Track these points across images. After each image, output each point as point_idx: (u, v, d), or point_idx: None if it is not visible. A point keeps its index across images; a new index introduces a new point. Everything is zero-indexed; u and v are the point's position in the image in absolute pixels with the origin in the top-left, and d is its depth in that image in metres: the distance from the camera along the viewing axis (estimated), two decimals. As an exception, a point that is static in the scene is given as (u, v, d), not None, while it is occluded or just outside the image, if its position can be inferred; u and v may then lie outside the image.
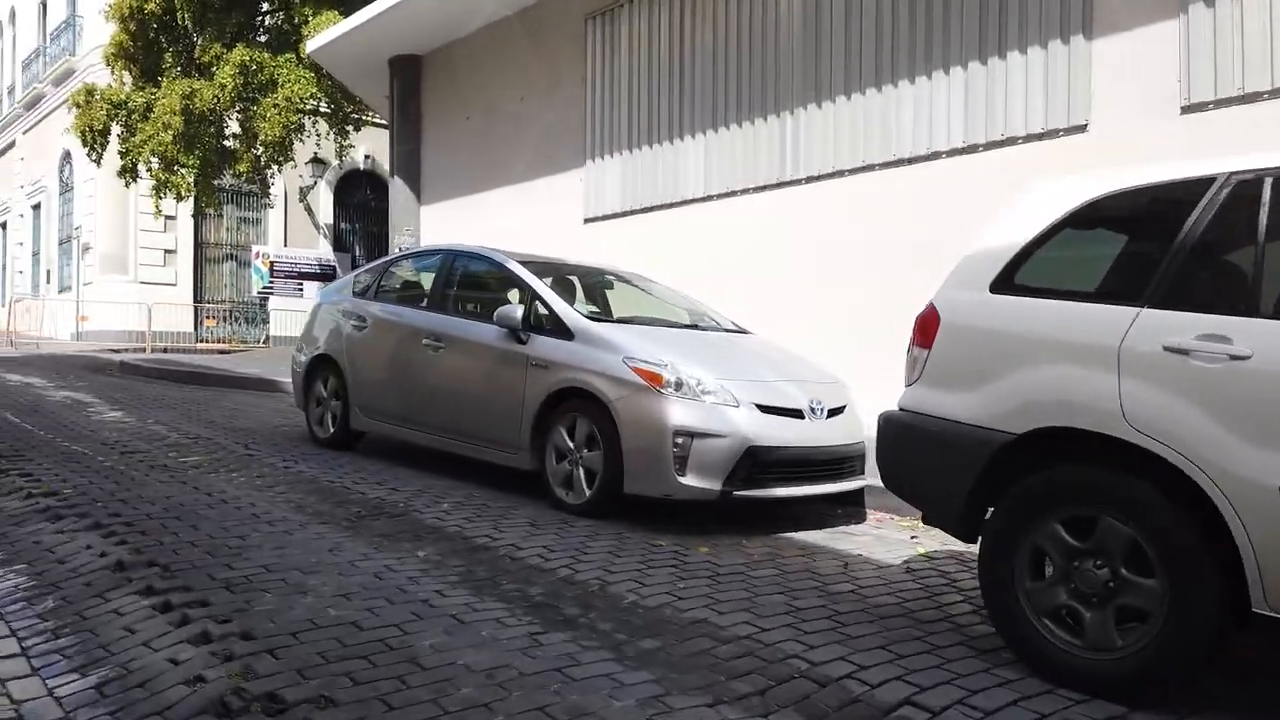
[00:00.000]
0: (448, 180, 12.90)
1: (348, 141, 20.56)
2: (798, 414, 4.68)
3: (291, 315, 23.38)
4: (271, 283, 24.03)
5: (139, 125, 16.15)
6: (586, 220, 10.58)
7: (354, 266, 25.96)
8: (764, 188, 8.58)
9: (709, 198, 9.14)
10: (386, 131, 24.57)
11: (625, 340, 4.85)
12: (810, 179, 8.17)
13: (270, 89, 15.78)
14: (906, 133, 7.44)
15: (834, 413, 4.88)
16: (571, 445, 4.83)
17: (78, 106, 16.36)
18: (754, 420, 4.50)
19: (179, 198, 17.23)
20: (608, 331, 4.95)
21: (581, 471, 4.77)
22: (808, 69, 8.19)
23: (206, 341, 23.02)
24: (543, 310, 5.26)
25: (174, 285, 22.82)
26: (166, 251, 22.84)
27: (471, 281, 6.18)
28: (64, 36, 24.52)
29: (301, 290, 24.42)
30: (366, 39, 12.75)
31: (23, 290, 27.62)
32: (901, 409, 3.18)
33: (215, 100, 15.43)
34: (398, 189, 13.47)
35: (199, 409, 8.71)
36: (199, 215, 20.57)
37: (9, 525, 4.28)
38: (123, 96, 16.37)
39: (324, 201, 25.18)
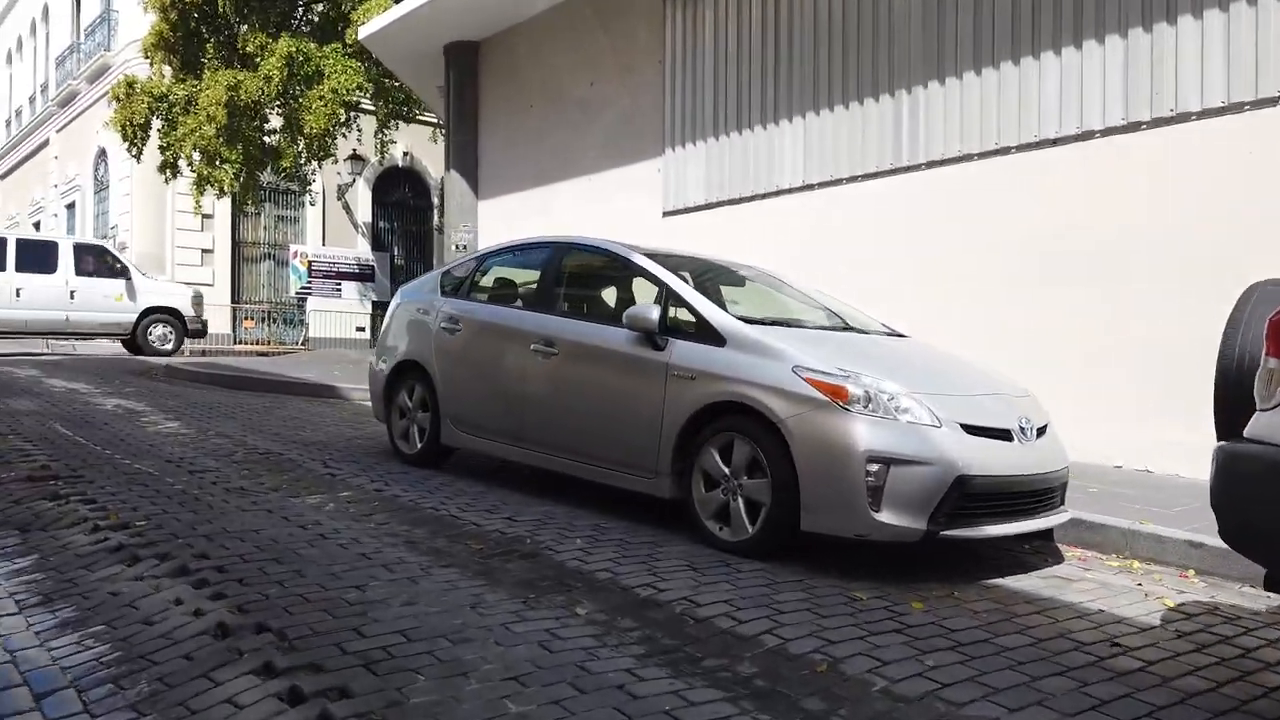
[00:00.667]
0: (507, 174, 12.21)
1: (389, 137, 19.96)
2: (1005, 435, 3.92)
3: (330, 316, 22.86)
4: (310, 283, 23.52)
5: (180, 119, 15.58)
6: (666, 214, 9.84)
7: (392, 266, 25.41)
8: (875, 175, 7.81)
9: (808, 187, 8.37)
10: (427, 128, 24.02)
11: (792, 346, 4.10)
12: (932, 164, 7.39)
13: (316, 80, 15.17)
14: (1051, 109, 6.64)
15: (1040, 432, 4.11)
16: (727, 471, 4.09)
17: (118, 100, 15.82)
18: (961, 443, 3.74)
19: (221, 194, 16.66)
20: (769, 336, 4.21)
21: (741, 503, 4.02)
22: (928, 40, 7.40)
23: (244, 343, 22.52)
24: (683, 312, 4.52)
25: (211, 285, 22.30)
26: (204, 251, 22.35)
27: (587, 278, 5.47)
28: (99, 31, 24.09)
29: (340, 290, 23.93)
30: (421, 25, 12.09)
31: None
32: (1257, 440, 2.41)
33: (260, 92, 14.84)
34: (453, 184, 12.79)
35: (259, 418, 8.05)
36: (238, 213, 20.02)
37: (78, 569, 3.60)
38: (164, 89, 15.81)
39: (362, 200, 24.61)
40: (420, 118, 22.07)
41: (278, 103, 15.54)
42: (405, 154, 24.72)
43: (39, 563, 3.70)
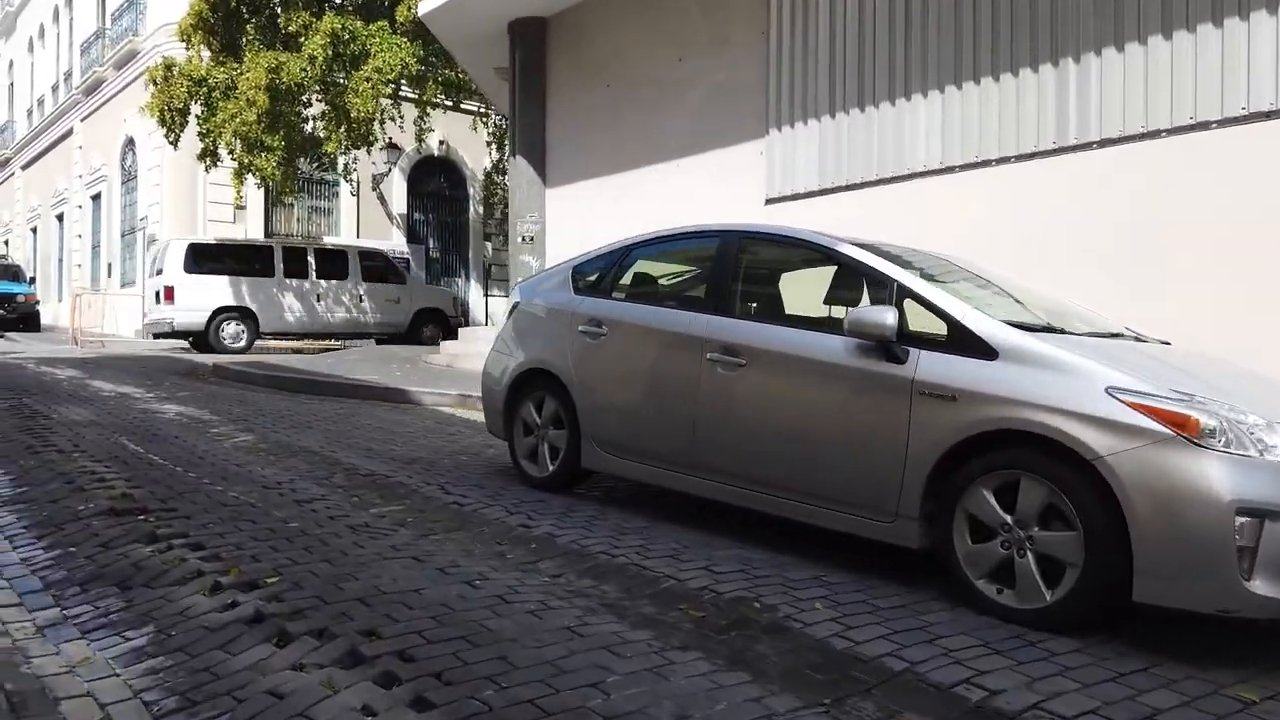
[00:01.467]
0: (579, 160, 11.37)
1: (427, 125, 19.10)
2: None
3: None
4: (344, 275, 22.72)
5: (220, 103, 14.77)
6: (769, 201, 8.99)
7: (428, 259, 24.62)
8: (1033, 155, 6.93)
9: (947, 169, 7.50)
10: (465, 116, 23.19)
11: (1097, 361, 3.25)
12: (1106, 142, 6.51)
13: (362, 60, 14.33)
14: (1265, 77, 5.75)
15: None
16: (1008, 519, 3.24)
17: (155, 83, 15.01)
18: (1350, 489, 2.88)
19: (262, 183, 15.84)
20: (1063, 348, 3.35)
21: (1033, 560, 3.17)
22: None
23: (279, 336, 21.73)
24: (925, 315, 3.67)
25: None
26: (236, 243, 21.55)
27: (773, 274, 4.62)
28: (126, 16, 23.31)
29: (374, 283, 23.10)
30: (485, 0, 11.25)
31: (81, 285, 26.58)
32: None
33: (303, 73, 14.01)
34: (519, 171, 11.95)
35: (338, 429, 7.25)
36: (272, 204, 19.19)
37: (212, 649, 2.79)
38: (203, 72, 14.99)
39: (397, 190, 23.81)
40: (463, 105, 21.28)
41: (320, 86, 14.70)
42: (442, 143, 23.89)
43: (159, 640, 2.88)
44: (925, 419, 3.47)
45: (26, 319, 22.32)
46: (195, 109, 15.27)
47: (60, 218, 28.98)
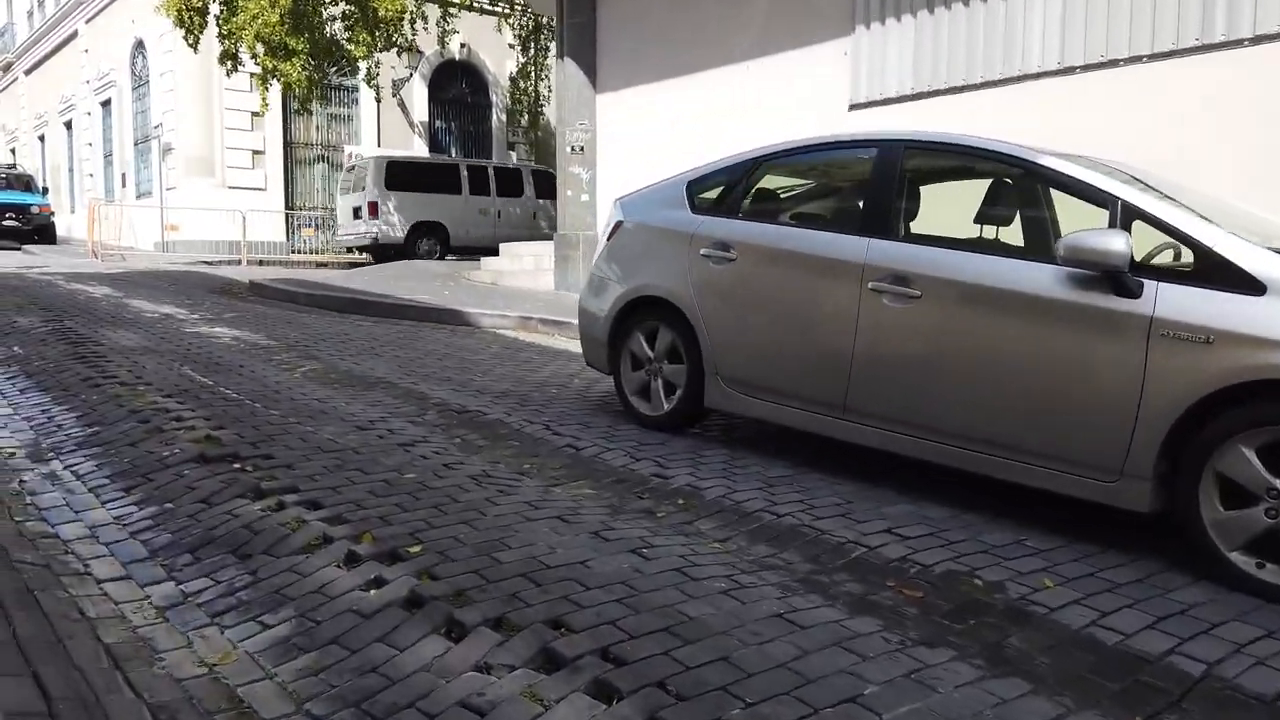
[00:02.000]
0: (634, 62, 10.60)
1: (451, 26, 18.15)
2: None
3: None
4: (365, 186, 22.00)
5: (241, 3, 13.87)
6: (853, 107, 8.31)
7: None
8: (1170, 54, 6.24)
9: (1065, 70, 6.81)
10: (489, 18, 22.07)
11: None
12: (1262, 39, 5.82)
13: (390, -45, 13.39)
14: None
15: None
16: (1276, 483, 2.76)
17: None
18: None
19: (288, 89, 15.02)
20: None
21: (1311, 532, 2.71)
22: (1273, -122, 5.74)
23: (300, 252, 21.18)
24: (1164, 241, 3.13)
25: (263, 190, 20.85)
26: (254, 153, 20.80)
27: (950, 191, 4.06)
28: (129, -91, 22.00)
29: (397, 194, 22.40)
30: (532, -117, 10.31)
31: (95, 196, 25.86)
32: None
33: (329, -30, 13.09)
34: (567, 75, 11.18)
35: (406, 356, 6.78)
36: (301, 111, 18.33)
37: (372, 640, 2.36)
38: (222, -32, 14.03)
39: (418, 97, 22.85)
40: (485, 5, 20.23)
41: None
42: (463, 46, 22.81)
43: (305, 629, 2.45)
44: (1167, 364, 2.96)
45: (41, 231, 21.70)
46: (214, 9, 14.36)
47: (69, 125, 28.07)
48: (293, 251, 21.07)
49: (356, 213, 17.02)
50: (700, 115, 9.63)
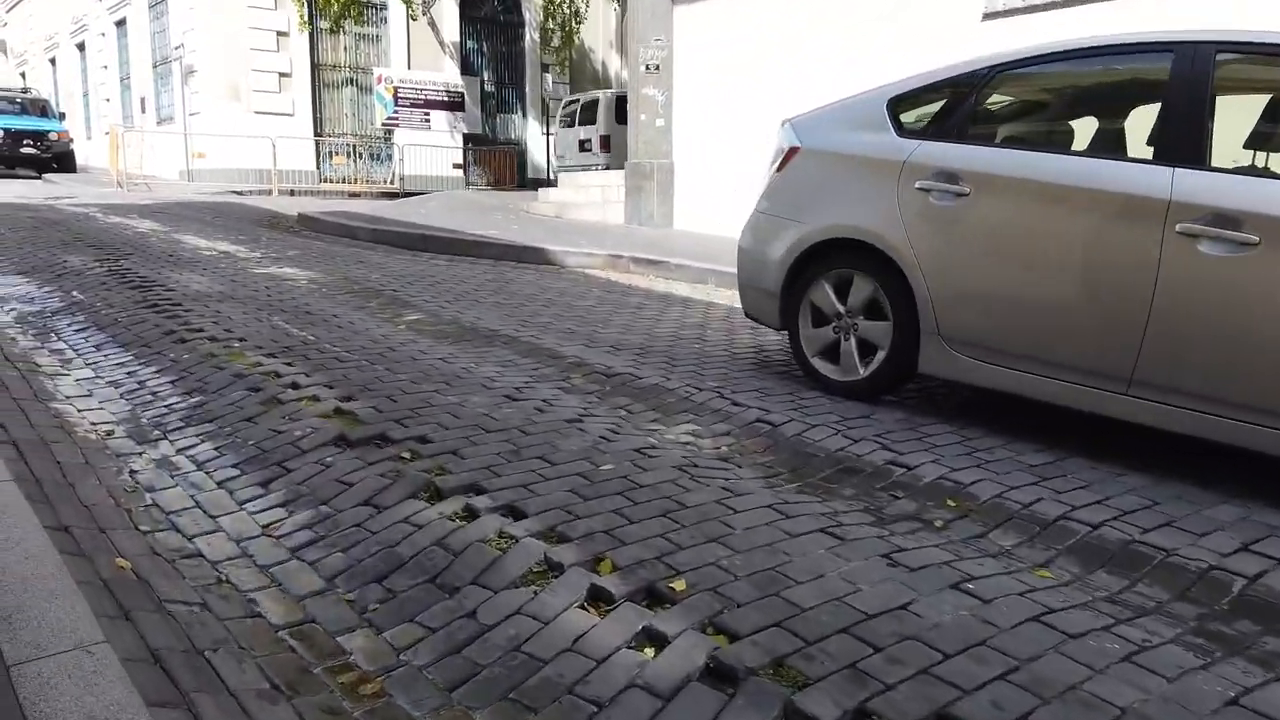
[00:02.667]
0: (717, -31, 9.60)
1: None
2: None
3: (421, 151, 20.49)
4: (396, 112, 21.04)
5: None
6: (988, 16, 7.38)
7: (482, 93, 22.70)
8: None
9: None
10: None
11: None
12: None
13: None
14: None
15: None
16: None
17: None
18: None
19: (328, 3, 13.97)
20: None
21: None
22: None
23: (330, 181, 20.29)
24: None
25: (291, 115, 19.83)
26: (281, 75, 19.73)
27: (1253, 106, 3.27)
28: None
29: (429, 121, 21.50)
30: None
31: (112, 121, 24.87)
32: None
33: None
34: (641, -17, 10.18)
35: (508, 302, 6.07)
36: (334, 29, 17.21)
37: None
38: None
39: (448, 16, 21.60)
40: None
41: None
42: (496, -42, 21.50)
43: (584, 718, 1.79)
44: None
45: (60, 159, 20.80)
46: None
47: (81, 47, 26.90)
48: (322, 180, 20.18)
49: (583, 145, 17.65)
50: (802, 29, 8.71)
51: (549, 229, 9.75)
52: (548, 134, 22.80)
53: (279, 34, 19.49)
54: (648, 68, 10.12)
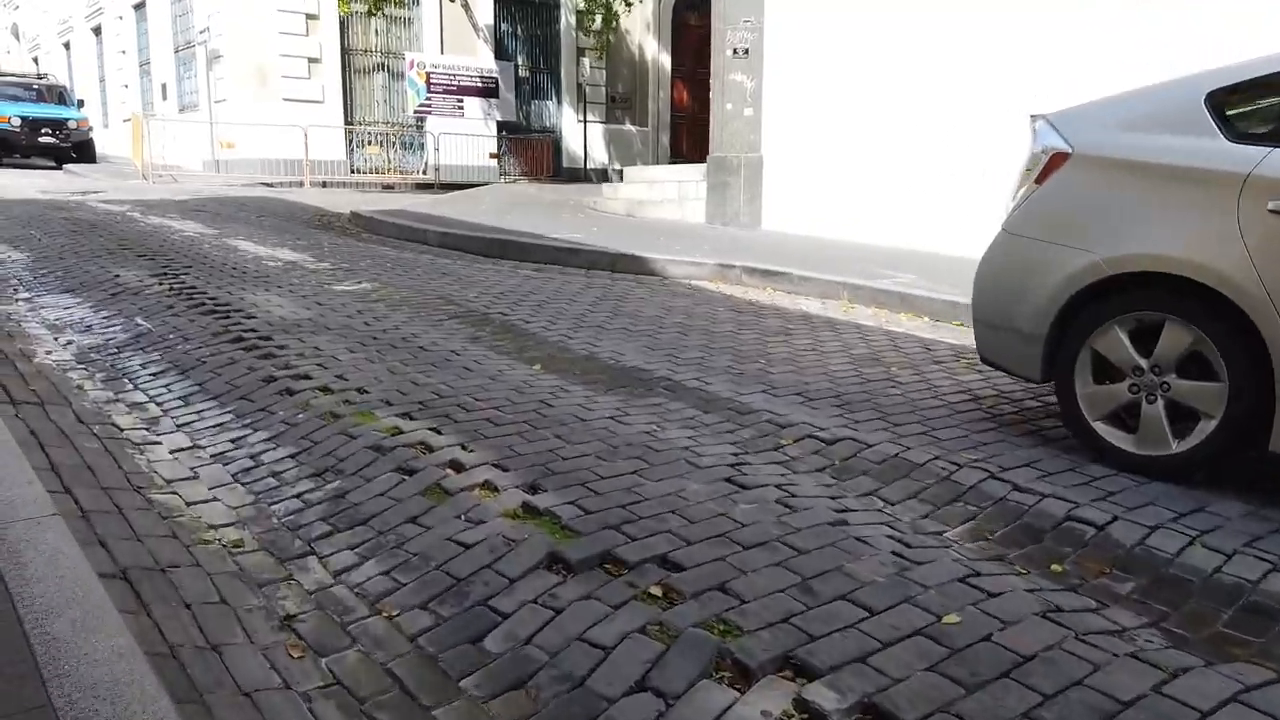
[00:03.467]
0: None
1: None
2: None
3: (455, 140, 19.59)
4: (429, 99, 20.14)
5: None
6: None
7: (516, 79, 21.77)
8: None
9: None
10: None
11: None
12: None
13: None
14: None
15: None
16: None
17: None
18: None
19: None
20: None
21: None
22: None
23: (361, 172, 19.42)
24: None
25: (321, 103, 18.91)
26: (310, 60, 18.81)
27: None
28: None
29: (462, 108, 20.59)
30: None
31: (131, 108, 24.01)
32: None
33: None
34: (729, -41, 9.27)
35: (634, 325, 5.22)
36: (373, 12, 16.20)
37: None
38: None
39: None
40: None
41: None
42: (532, -65, 20.52)
43: None
44: None
45: (80, 148, 19.96)
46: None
47: (97, 31, 25.99)
48: (353, 171, 19.31)
49: None
50: (946, 18, 7.82)
51: (630, 231, 8.88)
52: (584, 121, 21.87)
53: (308, 17, 18.56)
54: (735, 51, 9.22)
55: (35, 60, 31.69)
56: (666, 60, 24.25)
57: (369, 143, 19.24)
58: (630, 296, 6.10)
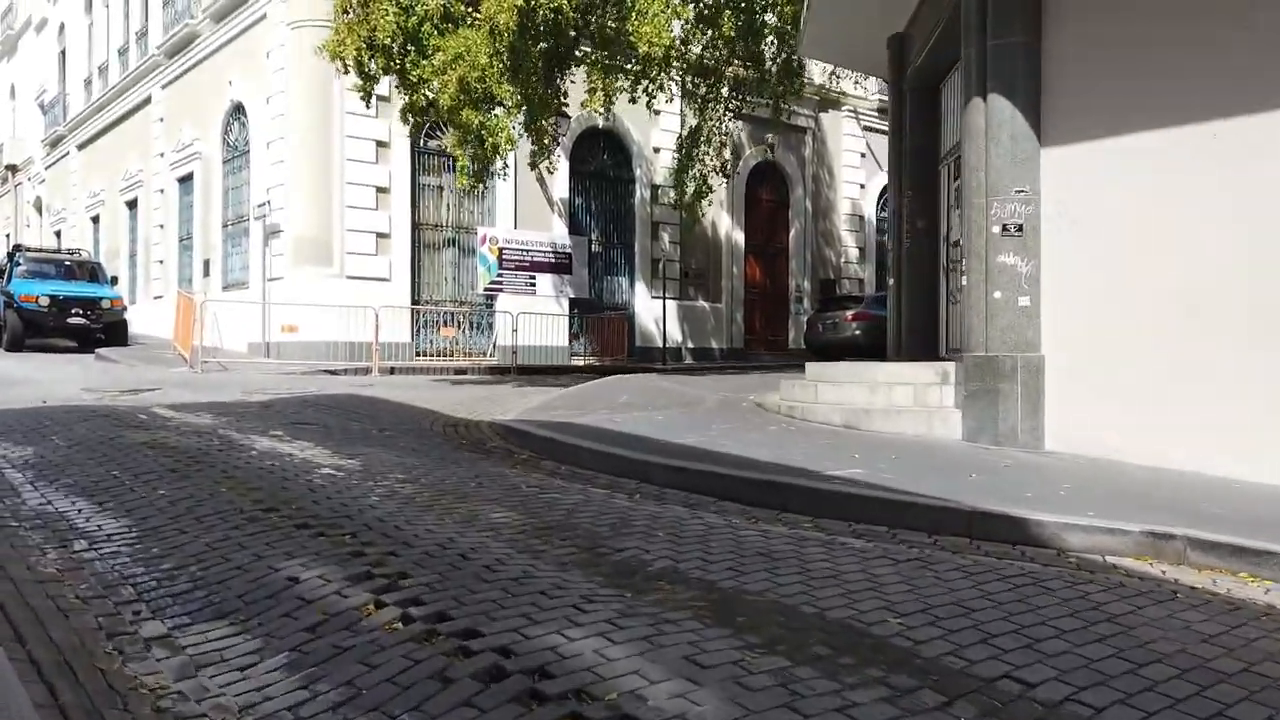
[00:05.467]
0: (1117, 95, 6.97)
1: (617, 83, 14.44)
2: None
3: (532, 320, 17.77)
4: (500, 275, 18.52)
5: (435, 40, 10.39)
6: None
7: (590, 252, 20.25)
8: None
9: None
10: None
11: None
12: None
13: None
14: None
15: None
16: None
17: (346, 11, 10.60)
18: None
19: (496, 153, 11.44)
20: None
21: None
22: None
23: (426, 354, 17.49)
24: None
25: (388, 280, 17.21)
26: (379, 236, 17.23)
27: None
28: (229, -45, 18.96)
29: (534, 284, 18.96)
30: None
31: (165, 285, 22.34)
32: None
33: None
34: (992, 120, 7.52)
35: (1140, 674, 2.87)
36: (473, 188, 14.28)
37: None
38: (409, -2, 10.48)
39: (558, 169, 19.30)
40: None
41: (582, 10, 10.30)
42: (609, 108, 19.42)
43: None
44: None
45: (111, 329, 18.02)
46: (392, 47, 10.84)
47: (132, 204, 24.69)
48: (418, 354, 17.38)
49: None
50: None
51: (908, 458, 6.67)
52: (664, 298, 20.21)
53: (379, 190, 17.13)
54: (1005, 229, 7.34)
55: (57, 234, 30.41)
56: (740, 235, 22.99)
57: (447, 324, 17.37)
58: (1105, 609, 3.76)
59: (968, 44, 7.82)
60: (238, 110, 18.97)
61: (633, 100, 12.51)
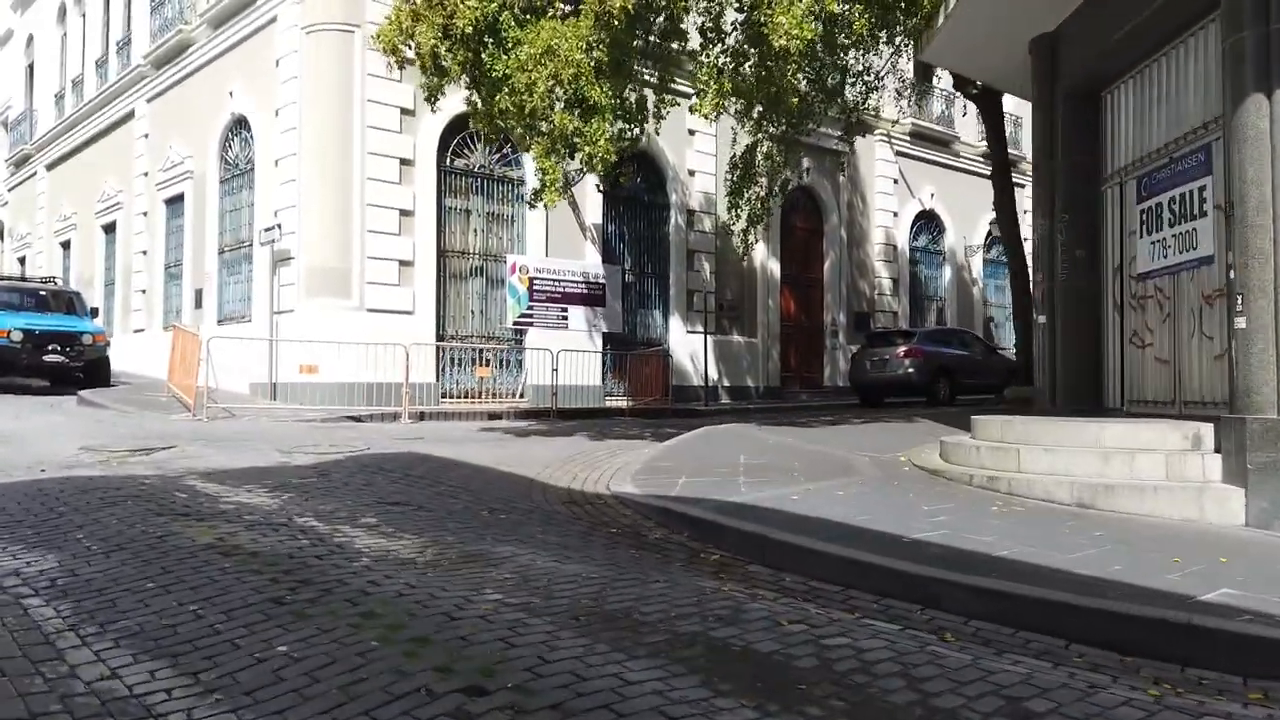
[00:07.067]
0: None
1: (671, 101, 12.85)
2: None
3: (568, 357, 16.00)
4: (531, 307, 16.76)
5: (513, 32, 8.71)
6: None
7: (624, 282, 18.58)
8: None
9: None
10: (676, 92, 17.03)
11: None
12: None
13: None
14: None
15: None
16: None
17: (412, 12, 8.85)
18: None
19: (589, 168, 9.80)
20: None
21: None
22: None
23: (451, 396, 15.64)
24: None
25: (411, 314, 15.38)
26: (401, 264, 15.41)
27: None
28: (231, -46, 17.16)
29: (566, 318, 17.22)
30: None
31: (148, 318, 20.25)
32: None
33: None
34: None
35: None
36: (550, 204, 12.35)
37: None
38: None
39: (590, 193, 17.71)
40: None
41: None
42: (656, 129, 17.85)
43: None
44: None
45: (93, 368, 15.94)
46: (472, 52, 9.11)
47: (109, 228, 22.59)
48: (443, 395, 15.53)
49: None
50: None
51: (1228, 563, 5.03)
52: (705, 333, 18.54)
53: (402, 213, 15.34)
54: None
55: (21, 260, 28.09)
56: (776, 265, 21.45)
57: (477, 362, 15.54)
58: None
59: (1234, 30, 6.30)
60: (239, 124, 17.10)
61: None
